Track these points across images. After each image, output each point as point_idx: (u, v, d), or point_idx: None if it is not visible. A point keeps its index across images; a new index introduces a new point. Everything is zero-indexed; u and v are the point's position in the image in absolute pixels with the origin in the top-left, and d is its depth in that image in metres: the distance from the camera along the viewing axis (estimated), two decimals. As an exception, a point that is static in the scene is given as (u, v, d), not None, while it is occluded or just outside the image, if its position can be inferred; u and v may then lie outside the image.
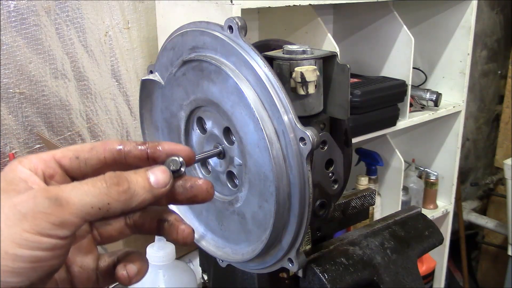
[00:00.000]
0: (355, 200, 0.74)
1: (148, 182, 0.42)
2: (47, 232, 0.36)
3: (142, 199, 0.41)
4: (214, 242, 0.62)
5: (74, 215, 0.37)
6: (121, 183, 0.40)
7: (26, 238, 0.35)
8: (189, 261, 1.30)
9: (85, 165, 0.44)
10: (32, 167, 0.41)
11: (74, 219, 0.37)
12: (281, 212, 0.50)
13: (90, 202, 0.38)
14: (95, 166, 0.44)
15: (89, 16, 1.39)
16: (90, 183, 0.39)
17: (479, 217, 2.80)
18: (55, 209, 0.36)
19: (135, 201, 0.41)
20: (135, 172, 0.42)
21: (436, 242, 0.71)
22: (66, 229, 0.37)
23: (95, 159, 0.44)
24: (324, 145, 0.57)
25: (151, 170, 0.43)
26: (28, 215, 0.36)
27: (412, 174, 1.98)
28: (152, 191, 0.42)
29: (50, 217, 0.36)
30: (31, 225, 0.36)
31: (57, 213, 0.36)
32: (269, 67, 0.49)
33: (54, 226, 0.36)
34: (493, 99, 2.87)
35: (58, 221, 0.36)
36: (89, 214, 0.38)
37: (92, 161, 0.44)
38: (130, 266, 0.45)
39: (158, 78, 0.60)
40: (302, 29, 1.53)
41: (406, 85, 1.63)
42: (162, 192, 0.43)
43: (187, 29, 0.55)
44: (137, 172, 0.42)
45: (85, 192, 0.38)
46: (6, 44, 1.27)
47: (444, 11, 1.84)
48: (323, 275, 0.59)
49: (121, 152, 0.45)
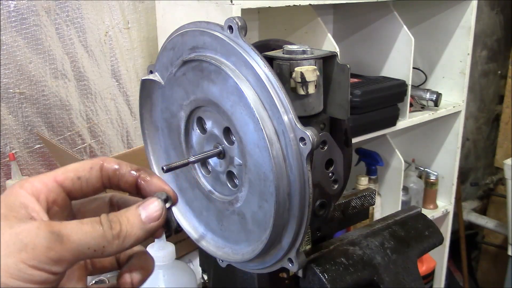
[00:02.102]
0: (355, 200, 0.74)
1: (139, 219, 0.41)
2: (43, 266, 0.36)
3: (135, 239, 0.41)
4: (214, 242, 0.62)
5: (71, 253, 0.37)
6: (113, 226, 0.39)
7: (20, 269, 0.35)
8: (189, 261, 1.30)
9: (87, 185, 0.44)
10: (34, 192, 0.40)
11: (70, 257, 0.37)
12: (281, 212, 0.50)
13: (88, 243, 0.38)
14: (95, 185, 0.44)
15: (89, 16, 1.39)
16: (89, 223, 0.39)
17: (479, 217, 2.80)
18: (56, 244, 0.36)
19: (128, 242, 0.40)
20: (126, 211, 0.42)
21: (436, 242, 0.71)
22: (61, 266, 0.37)
23: (95, 178, 0.44)
24: (324, 145, 0.57)
25: (142, 205, 0.42)
26: (29, 246, 0.36)
27: (412, 174, 1.98)
28: (145, 228, 0.41)
29: (50, 251, 0.36)
30: (29, 256, 0.35)
31: (57, 248, 0.36)
32: (269, 67, 0.49)
33: (51, 261, 0.36)
34: (493, 99, 2.87)
35: (56, 256, 0.36)
36: (84, 254, 0.38)
37: (93, 181, 0.44)
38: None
39: (158, 78, 0.60)
40: (302, 29, 1.53)
41: (406, 85, 1.63)
42: (156, 227, 0.42)
43: (187, 29, 0.55)
44: (128, 210, 0.42)
45: (85, 232, 0.38)
46: (6, 44, 1.27)
47: (444, 11, 1.84)
48: (323, 275, 0.58)
49: (116, 173, 0.45)
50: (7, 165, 1.33)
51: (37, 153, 1.39)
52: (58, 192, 0.42)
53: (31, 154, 1.38)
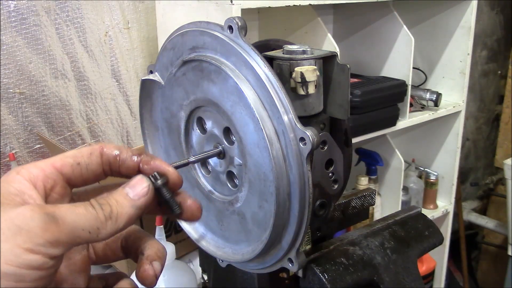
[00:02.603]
0: (355, 200, 0.74)
1: (127, 197, 0.41)
2: (39, 248, 0.35)
3: (127, 217, 0.40)
4: (214, 242, 0.62)
5: (67, 235, 0.36)
6: (104, 207, 0.39)
7: (16, 254, 0.34)
8: (189, 261, 1.30)
9: (87, 170, 0.43)
10: (31, 178, 0.40)
11: (66, 239, 0.36)
12: (281, 212, 0.50)
13: (82, 225, 0.37)
14: (96, 172, 0.44)
15: (89, 16, 1.39)
16: (82, 206, 0.38)
17: (479, 217, 2.80)
18: (51, 225, 0.36)
19: (121, 222, 0.40)
20: (113, 193, 0.41)
21: (436, 242, 0.71)
22: (57, 248, 0.36)
23: (95, 164, 0.43)
24: (324, 145, 0.57)
25: (127, 185, 0.42)
26: (23, 228, 0.35)
27: (412, 174, 1.98)
28: (135, 205, 0.41)
29: (46, 233, 0.35)
30: (25, 239, 0.35)
31: (52, 230, 0.36)
32: (269, 67, 0.49)
33: (48, 243, 0.35)
34: (493, 99, 2.87)
35: (52, 238, 0.36)
36: (79, 237, 0.37)
37: (93, 166, 0.43)
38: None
39: (158, 78, 0.60)
40: (302, 29, 1.53)
41: (406, 85, 1.63)
42: (145, 202, 0.42)
43: (187, 29, 0.55)
44: (114, 192, 0.41)
45: (79, 214, 0.37)
46: (6, 44, 1.27)
47: (444, 11, 1.84)
48: (323, 275, 0.58)
49: (117, 159, 0.44)
50: (7, 165, 1.33)
51: (37, 153, 1.39)
52: (57, 178, 0.41)
53: (31, 154, 1.38)
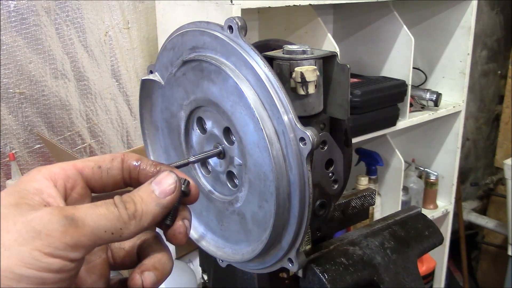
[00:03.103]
0: (355, 200, 0.73)
1: (153, 195, 0.40)
2: (59, 252, 0.34)
3: (152, 216, 0.39)
4: (214, 242, 0.62)
5: (88, 237, 0.35)
6: (128, 206, 0.38)
7: (35, 257, 0.34)
8: (189, 261, 1.30)
9: (107, 174, 0.42)
10: (52, 176, 0.39)
11: (87, 241, 0.35)
12: (281, 212, 0.50)
13: (104, 226, 0.36)
14: (116, 177, 0.43)
15: (89, 16, 1.39)
16: (103, 206, 0.37)
17: (479, 217, 2.80)
18: (71, 229, 0.35)
19: (146, 221, 0.39)
20: (139, 189, 0.40)
21: (436, 242, 0.71)
22: (78, 252, 0.35)
23: (116, 169, 0.43)
24: (324, 145, 0.57)
25: (154, 180, 0.41)
26: (42, 232, 0.34)
27: (412, 174, 1.98)
28: (160, 203, 0.40)
29: (65, 236, 0.34)
30: (44, 243, 0.34)
31: (72, 233, 0.35)
32: (269, 67, 0.49)
33: (68, 246, 0.35)
34: (493, 99, 2.87)
35: (72, 241, 0.35)
36: (101, 238, 0.36)
37: (114, 171, 0.43)
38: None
39: (158, 78, 0.60)
40: (302, 29, 1.53)
41: (406, 85, 1.63)
42: (171, 200, 0.41)
43: (187, 29, 0.55)
44: (140, 188, 0.40)
45: (100, 215, 0.36)
46: (6, 44, 1.27)
47: (444, 11, 1.84)
48: (323, 275, 0.58)
49: (137, 168, 0.43)
50: (7, 165, 1.33)
51: (37, 153, 1.39)
52: (77, 179, 0.41)
53: (31, 154, 1.38)
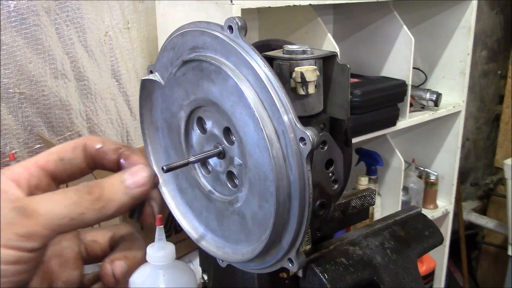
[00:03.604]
0: (355, 200, 0.73)
1: (123, 185, 0.40)
2: (13, 243, 0.34)
3: (118, 204, 0.39)
4: (214, 242, 0.62)
5: (43, 226, 0.35)
6: (92, 191, 0.38)
7: None
8: (189, 261, 1.30)
9: (70, 166, 0.42)
10: (15, 177, 0.39)
11: (43, 230, 0.35)
12: (281, 212, 0.50)
13: (60, 213, 0.36)
14: (80, 165, 0.43)
15: (89, 16, 1.39)
16: (61, 193, 0.37)
17: (479, 217, 2.80)
18: (22, 219, 0.35)
19: (111, 208, 0.39)
20: (110, 177, 0.40)
21: (436, 242, 0.71)
22: (34, 241, 0.35)
23: (78, 158, 0.43)
24: (324, 145, 0.57)
25: (128, 171, 0.41)
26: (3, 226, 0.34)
27: (412, 174, 1.98)
28: (130, 193, 0.40)
29: (16, 227, 0.34)
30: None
31: (23, 223, 0.35)
32: (269, 67, 0.49)
33: (21, 237, 0.34)
34: (493, 99, 2.87)
35: (24, 232, 0.35)
36: (60, 225, 0.36)
37: (76, 161, 0.43)
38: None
39: (158, 78, 0.60)
40: (302, 29, 1.53)
41: (406, 85, 1.63)
42: (141, 192, 0.41)
43: (187, 29, 0.55)
44: (112, 176, 0.40)
45: (55, 202, 0.36)
46: (6, 44, 1.27)
47: (444, 11, 1.84)
48: (323, 275, 0.58)
49: (100, 152, 0.43)
50: (7, 165, 1.33)
51: (37, 153, 1.38)
52: (41, 176, 0.41)
53: (31, 154, 1.38)
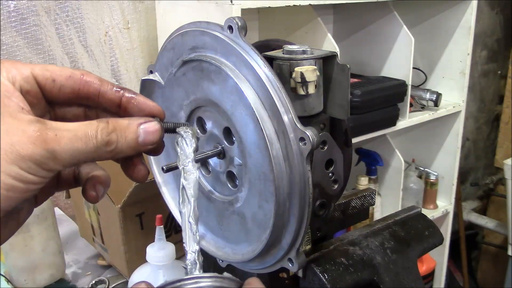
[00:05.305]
0: (355, 200, 0.73)
1: (136, 141, 0.42)
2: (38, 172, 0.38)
3: (124, 154, 0.42)
4: (214, 242, 0.62)
5: (62, 166, 0.39)
6: (109, 143, 0.40)
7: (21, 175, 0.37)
8: (189, 261, 1.30)
9: (59, 91, 0.42)
10: (10, 78, 0.40)
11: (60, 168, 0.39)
12: (281, 212, 0.50)
13: (79, 158, 0.39)
14: (68, 95, 0.43)
15: (89, 16, 1.39)
16: (84, 140, 0.39)
17: (479, 217, 2.80)
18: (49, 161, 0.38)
19: (117, 156, 0.41)
20: (127, 126, 0.41)
21: (436, 242, 0.71)
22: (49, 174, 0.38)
23: (69, 88, 0.43)
24: (324, 145, 0.57)
25: (144, 126, 0.42)
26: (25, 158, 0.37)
27: (412, 174, 1.98)
28: (136, 149, 0.42)
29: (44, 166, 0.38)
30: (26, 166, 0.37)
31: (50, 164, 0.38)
32: (269, 67, 0.49)
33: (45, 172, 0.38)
34: (493, 99, 2.87)
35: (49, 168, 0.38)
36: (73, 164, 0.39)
37: (67, 89, 0.43)
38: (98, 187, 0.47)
39: (158, 78, 0.60)
40: (302, 29, 1.53)
41: (406, 85, 1.63)
42: (146, 150, 0.43)
43: (187, 29, 0.55)
44: (129, 126, 0.41)
45: (77, 149, 0.39)
46: (6, 44, 1.27)
47: (444, 11, 1.84)
48: (323, 275, 0.58)
49: (97, 89, 0.44)
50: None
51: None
52: (32, 84, 0.41)
53: (31, 154, 1.38)
